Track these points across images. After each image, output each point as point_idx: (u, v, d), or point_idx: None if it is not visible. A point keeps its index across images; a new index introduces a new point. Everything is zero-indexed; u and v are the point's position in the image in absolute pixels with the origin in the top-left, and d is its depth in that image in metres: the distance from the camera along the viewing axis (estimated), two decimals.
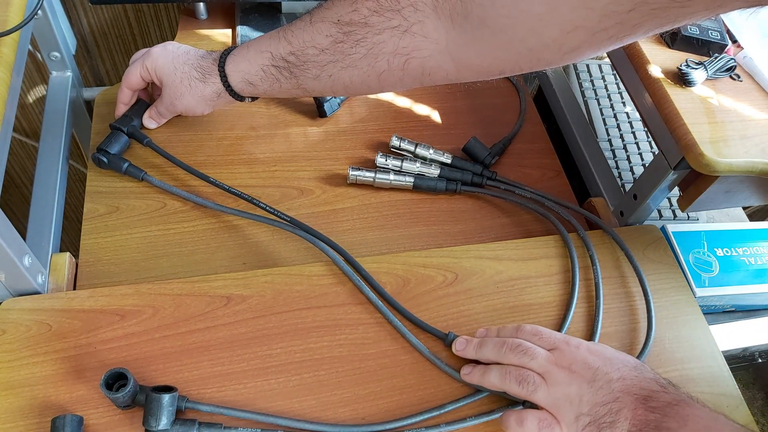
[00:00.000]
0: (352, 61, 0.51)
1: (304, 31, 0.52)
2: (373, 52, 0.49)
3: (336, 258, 0.56)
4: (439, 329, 0.53)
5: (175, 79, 0.60)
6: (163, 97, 0.62)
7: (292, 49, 0.53)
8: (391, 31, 0.47)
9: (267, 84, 0.56)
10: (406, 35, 0.47)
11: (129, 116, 0.65)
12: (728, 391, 0.54)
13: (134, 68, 0.62)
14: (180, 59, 0.60)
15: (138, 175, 0.62)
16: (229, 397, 0.48)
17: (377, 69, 0.50)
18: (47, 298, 0.53)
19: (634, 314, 0.58)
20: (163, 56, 0.60)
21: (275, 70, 0.55)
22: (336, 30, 0.50)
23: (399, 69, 0.50)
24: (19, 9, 0.53)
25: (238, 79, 0.57)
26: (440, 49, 0.47)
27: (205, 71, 0.58)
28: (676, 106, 0.55)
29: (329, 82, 0.53)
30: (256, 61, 0.55)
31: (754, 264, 0.64)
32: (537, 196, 0.67)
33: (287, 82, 0.55)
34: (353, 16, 0.48)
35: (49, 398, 0.47)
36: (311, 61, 0.52)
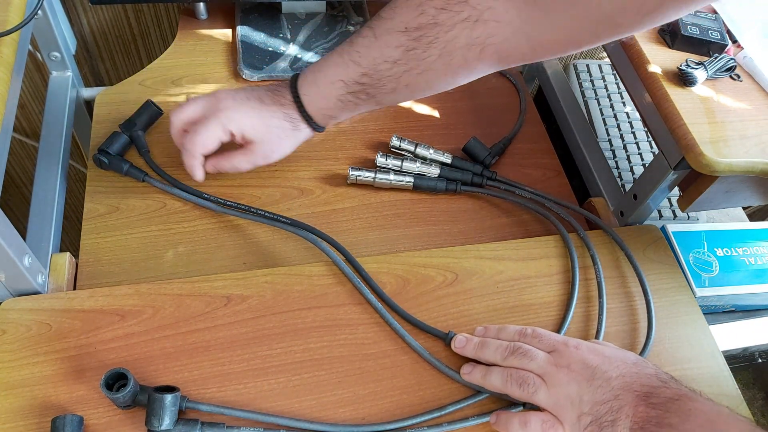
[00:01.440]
0: (427, 65, 0.50)
1: (370, 48, 0.51)
2: (447, 50, 0.48)
3: (336, 258, 0.56)
4: (439, 329, 0.53)
5: (272, 137, 0.57)
6: (254, 152, 0.58)
7: (363, 70, 0.51)
8: (462, 24, 0.46)
9: (347, 111, 0.56)
10: (478, 24, 0.46)
11: (133, 121, 0.65)
12: (728, 391, 0.54)
13: (210, 131, 0.55)
14: (267, 113, 0.56)
15: (139, 176, 0.62)
16: (230, 397, 0.48)
17: (453, 65, 0.49)
18: (47, 298, 0.52)
19: (635, 314, 0.58)
20: (247, 115, 0.56)
21: (352, 96, 0.53)
22: (405, 38, 0.49)
23: (475, 60, 0.49)
24: (19, 9, 0.53)
25: (320, 117, 0.56)
26: (514, 30, 0.46)
27: (293, 119, 0.56)
28: (676, 106, 0.55)
29: (407, 91, 0.53)
30: (331, 94, 0.54)
31: (754, 264, 0.64)
32: (537, 196, 0.67)
33: (365, 103, 0.54)
34: (421, 19, 0.47)
35: (49, 398, 0.47)
36: (386, 77, 0.51)
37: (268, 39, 0.79)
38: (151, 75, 0.74)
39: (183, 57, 0.77)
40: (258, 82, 0.75)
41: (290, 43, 0.79)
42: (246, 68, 0.75)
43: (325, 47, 0.79)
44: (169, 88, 0.73)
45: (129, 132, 0.65)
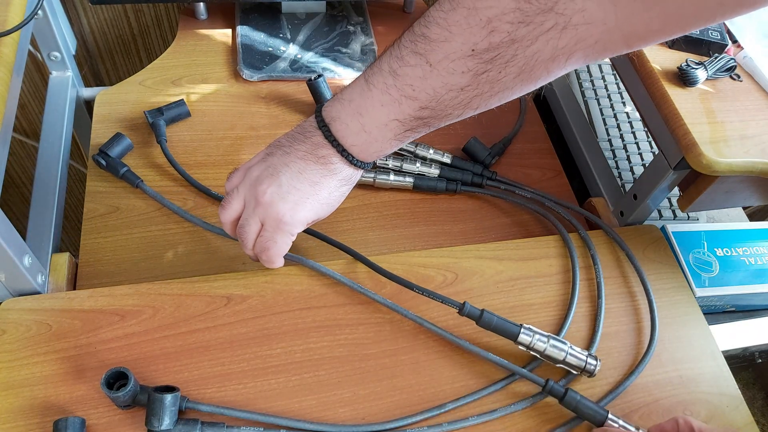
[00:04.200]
0: (502, 85, 0.43)
1: (427, 79, 0.43)
2: (528, 66, 0.42)
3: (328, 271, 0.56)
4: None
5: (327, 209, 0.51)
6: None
7: (422, 104, 0.44)
8: (546, 35, 0.40)
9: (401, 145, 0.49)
10: (566, 32, 0.40)
11: (161, 110, 0.67)
12: (728, 391, 0.54)
13: (280, 246, 0.51)
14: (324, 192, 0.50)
15: (134, 181, 0.62)
16: (230, 397, 0.48)
17: (533, 79, 0.43)
18: (47, 298, 0.52)
19: (636, 314, 0.58)
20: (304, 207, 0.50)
21: (410, 132, 0.47)
22: (474, 62, 0.42)
23: (559, 69, 0.43)
24: (19, 9, 0.53)
25: (371, 159, 0.50)
26: (609, 29, 0.40)
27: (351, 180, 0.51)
28: (676, 106, 0.55)
29: (473, 112, 0.46)
30: (385, 137, 0.47)
31: (754, 264, 0.64)
32: (537, 196, 0.67)
33: (422, 133, 0.48)
34: (492, 38, 0.40)
35: (49, 398, 0.47)
36: (451, 105, 0.45)
37: (268, 39, 0.79)
38: (151, 75, 0.74)
39: (183, 57, 0.77)
40: (258, 82, 0.75)
41: (290, 43, 0.79)
42: (246, 68, 0.75)
43: (325, 47, 0.79)
44: (169, 88, 0.73)
45: (152, 119, 0.66)
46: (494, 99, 0.45)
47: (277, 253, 0.51)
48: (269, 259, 0.51)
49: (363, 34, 0.82)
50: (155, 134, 0.66)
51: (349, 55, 0.79)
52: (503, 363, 0.51)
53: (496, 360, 0.51)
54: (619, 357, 0.54)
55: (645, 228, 0.65)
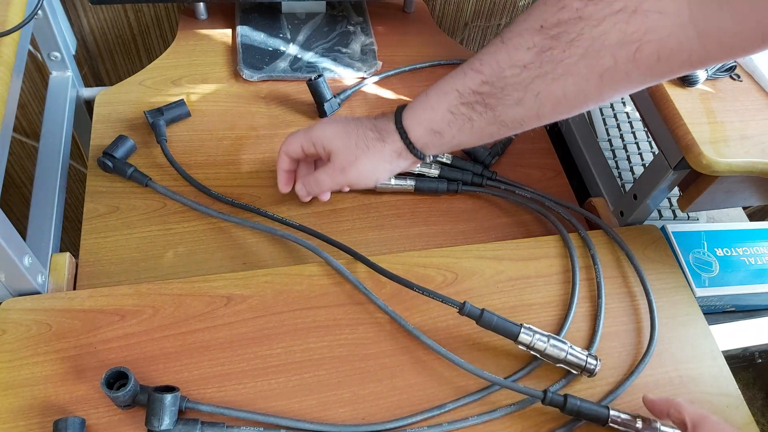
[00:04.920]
0: (566, 67, 0.42)
1: (495, 54, 0.44)
2: (593, 49, 0.40)
3: (333, 261, 0.56)
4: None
5: (349, 143, 0.52)
6: (332, 164, 0.54)
7: (484, 77, 0.45)
8: (614, 17, 0.39)
9: (455, 128, 0.48)
10: (635, 17, 0.38)
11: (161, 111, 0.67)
12: (728, 391, 0.54)
13: (296, 137, 0.56)
14: (351, 124, 0.54)
15: (142, 181, 0.62)
16: (230, 397, 0.48)
17: (599, 68, 0.41)
18: (47, 298, 0.52)
19: (636, 314, 0.58)
20: (332, 124, 0.55)
21: (466, 108, 0.47)
22: (541, 37, 0.42)
23: (628, 61, 0.40)
24: (19, 9, 0.53)
25: (421, 132, 0.50)
26: (682, 23, 0.38)
27: (381, 130, 0.52)
28: (676, 106, 0.55)
29: (535, 103, 0.45)
30: (441, 104, 0.48)
31: (754, 264, 0.64)
32: (537, 196, 0.67)
33: (481, 118, 0.47)
34: (561, 14, 0.40)
35: (49, 398, 0.47)
36: (512, 84, 0.44)
37: (268, 39, 0.79)
38: (151, 75, 0.74)
39: (183, 57, 0.77)
40: (258, 82, 0.75)
41: (290, 43, 0.79)
42: (246, 68, 0.75)
43: (325, 47, 0.79)
44: (169, 88, 0.73)
45: (153, 119, 0.66)
46: (556, 86, 0.43)
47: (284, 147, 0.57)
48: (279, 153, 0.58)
49: (363, 34, 0.82)
50: (155, 134, 0.66)
51: (349, 55, 0.79)
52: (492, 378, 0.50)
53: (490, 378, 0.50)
54: (619, 357, 0.54)
55: (645, 228, 0.65)
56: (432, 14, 0.98)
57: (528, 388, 0.49)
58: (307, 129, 0.56)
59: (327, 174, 0.55)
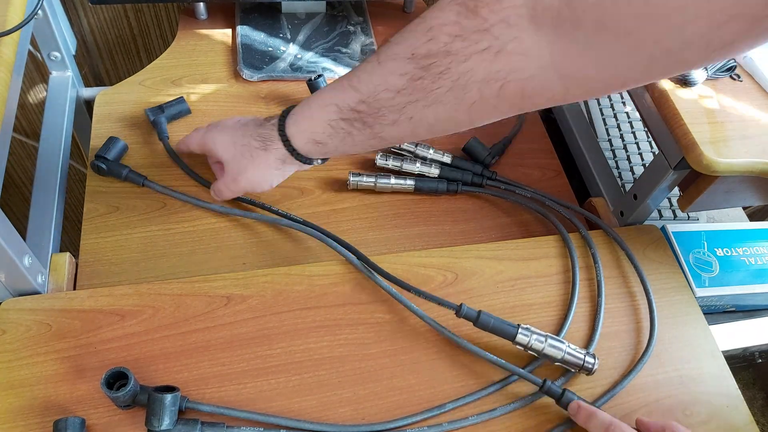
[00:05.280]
0: (435, 97, 0.43)
1: (372, 75, 0.46)
2: (460, 83, 0.42)
3: (348, 255, 0.56)
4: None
5: (236, 154, 0.55)
6: (226, 174, 0.57)
7: (362, 96, 0.46)
8: (480, 55, 0.40)
9: (337, 140, 0.49)
10: (500, 56, 0.40)
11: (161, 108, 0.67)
12: (728, 391, 0.54)
13: (195, 138, 0.59)
14: (238, 132, 0.55)
15: (138, 181, 0.62)
16: (230, 397, 0.48)
17: (467, 101, 0.43)
18: (47, 298, 0.52)
19: (636, 314, 0.58)
20: (220, 133, 0.56)
21: (345, 123, 0.48)
22: (412, 66, 0.43)
23: (493, 97, 0.42)
24: (19, 9, 0.53)
25: (303, 141, 0.51)
26: (543, 66, 0.40)
27: (265, 138, 0.53)
28: (676, 106, 0.55)
29: (410, 125, 0.46)
30: (321, 116, 0.49)
31: (754, 264, 0.64)
32: (537, 196, 0.67)
33: (360, 133, 0.48)
34: (430, 46, 0.42)
35: (50, 398, 0.47)
36: (386, 107, 0.46)
37: (268, 39, 0.79)
38: (150, 75, 0.74)
39: (183, 57, 0.77)
40: (258, 82, 0.75)
41: (290, 43, 0.79)
42: (246, 68, 0.75)
43: (325, 47, 0.79)
44: (168, 88, 0.73)
45: (154, 116, 0.67)
46: (428, 112, 0.45)
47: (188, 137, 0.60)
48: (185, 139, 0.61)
49: (363, 34, 0.82)
50: (157, 132, 0.66)
51: (349, 55, 0.79)
52: (501, 363, 0.51)
53: (494, 360, 0.51)
54: (618, 357, 0.54)
55: (645, 228, 0.65)
56: None
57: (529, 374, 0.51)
58: (204, 134, 0.58)
59: (224, 183, 0.58)
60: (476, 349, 0.52)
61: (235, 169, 0.55)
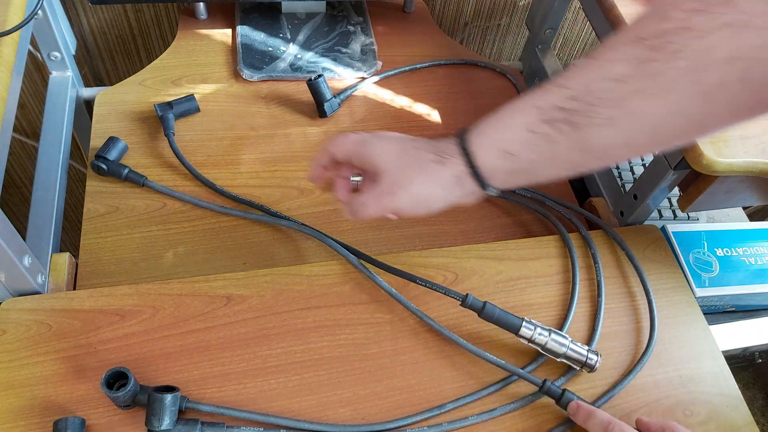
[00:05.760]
0: (667, 82, 0.37)
1: (584, 69, 0.40)
2: (700, 63, 0.36)
3: (349, 256, 0.56)
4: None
5: (401, 164, 0.46)
6: (379, 186, 0.47)
7: (571, 92, 0.40)
8: (723, 31, 0.35)
9: (533, 150, 0.42)
10: (747, 32, 0.34)
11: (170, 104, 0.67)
12: (728, 391, 0.54)
13: (346, 144, 0.49)
14: (408, 143, 0.47)
15: (139, 180, 0.62)
16: (230, 397, 0.48)
17: (703, 86, 0.37)
18: (47, 298, 0.52)
19: (636, 314, 0.58)
20: (386, 141, 0.48)
21: (547, 126, 0.41)
22: (640, 49, 0.37)
23: (737, 81, 0.36)
24: (19, 9, 0.53)
25: (490, 154, 0.43)
26: None
27: (442, 152, 0.45)
28: None
29: (629, 123, 0.39)
30: (516, 121, 0.42)
31: (754, 264, 0.64)
32: (537, 196, 0.67)
33: (565, 139, 0.41)
34: (664, 25, 0.36)
35: (49, 398, 0.47)
36: (603, 99, 0.39)
37: (268, 39, 0.79)
38: (150, 75, 0.74)
39: (183, 57, 0.77)
40: (258, 82, 0.75)
41: (290, 43, 0.79)
42: (246, 68, 0.75)
43: (325, 47, 0.79)
44: (168, 88, 0.73)
45: (162, 112, 0.67)
46: (655, 105, 0.38)
47: (328, 143, 0.50)
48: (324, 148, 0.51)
49: (363, 34, 0.82)
50: (163, 127, 0.66)
51: (349, 55, 0.79)
52: (501, 363, 0.51)
53: (494, 360, 0.51)
54: (618, 357, 0.54)
55: (645, 228, 0.65)
56: (432, 14, 0.98)
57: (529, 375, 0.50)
58: (359, 140, 0.49)
59: (374, 197, 0.47)
60: (476, 350, 0.52)
61: (395, 180, 0.46)
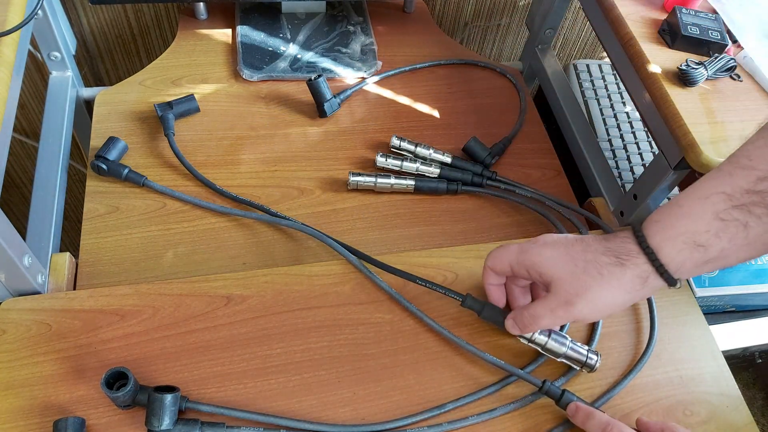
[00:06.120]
0: None
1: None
2: None
3: (349, 255, 0.56)
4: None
5: (576, 270, 0.43)
6: (552, 296, 0.45)
7: (761, 173, 0.38)
8: None
9: (726, 238, 0.39)
10: None
11: (170, 104, 0.66)
12: (728, 391, 0.54)
13: (505, 255, 0.48)
14: (577, 247, 0.45)
15: (139, 180, 0.62)
16: (230, 397, 0.48)
17: None
18: (47, 298, 0.52)
19: (636, 314, 0.58)
20: (551, 247, 0.46)
21: (739, 212, 0.38)
22: None
23: None
24: (19, 9, 0.53)
25: (676, 249, 0.41)
26: None
27: (619, 253, 0.42)
28: (676, 106, 0.55)
29: None
30: (702, 210, 0.40)
31: (754, 264, 0.64)
32: (537, 196, 0.67)
33: (760, 223, 0.38)
34: None
35: (49, 398, 0.47)
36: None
37: (268, 39, 0.79)
38: (150, 75, 0.74)
39: (183, 57, 0.77)
40: (258, 82, 0.75)
41: (290, 43, 0.79)
42: (246, 68, 0.75)
43: (325, 47, 0.79)
44: (169, 88, 0.73)
45: (162, 112, 0.67)
46: None
47: (490, 258, 0.50)
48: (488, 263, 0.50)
49: (363, 34, 0.82)
50: (163, 127, 0.66)
51: (349, 55, 0.79)
52: (501, 364, 0.51)
53: (494, 361, 0.51)
54: (618, 357, 0.54)
55: None
56: (432, 14, 0.98)
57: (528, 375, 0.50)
58: (520, 248, 0.47)
59: (547, 308, 0.45)
60: (476, 350, 0.52)
61: (571, 290, 0.44)
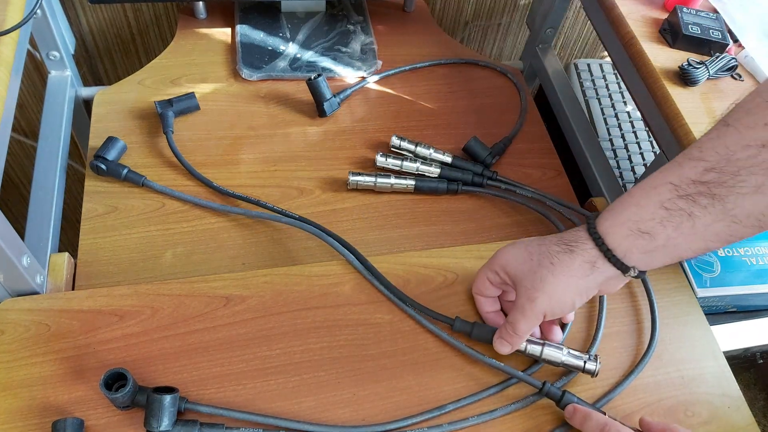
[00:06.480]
0: None
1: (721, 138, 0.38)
2: None
3: (347, 254, 0.56)
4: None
5: (532, 264, 0.46)
6: (519, 296, 0.47)
7: (709, 164, 0.38)
8: None
9: (671, 227, 0.40)
10: None
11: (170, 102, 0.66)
12: (729, 391, 0.53)
13: (480, 272, 0.52)
14: (533, 243, 0.47)
15: (138, 180, 0.62)
16: (229, 398, 0.48)
17: None
18: (46, 298, 0.52)
19: (637, 314, 0.57)
20: (512, 247, 0.49)
21: (684, 202, 0.39)
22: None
23: None
24: (17, 8, 0.53)
25: (622, 234, 0.42)
26: None
27: (569, 241, 0.45)
28: (678, 106, 0.55)
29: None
30: (649, 199, 0.41)
31: (756, 264, 0.64)
32: (538, 195, 0.67)
33: (706, 213, 0.39)
34: None
35: (48, 399, 0.46)
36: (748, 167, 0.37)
37: (267, 38, 0.79)
38: (150, 74, 0.74)
39: (182, 56, 0.77)
40: (257, 82, 0.75)
41: (290, 43, 0.79)
42: (245, 67, 0.75)
43: (325, 46, 0.79)
44: (168, 87, 0.73)
45: (162, 109, 0.66)
46: None
47: (474, 285, 0.54)
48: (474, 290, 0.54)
49: (363, 34, 0.81)
50: (162, 125, 0.66)
51: (349, 55, 0.79)
52: (501, 366, 0.50)
53: (494, 363, 0.51)
54: (620, 357, 0.54)
55: None
56: (432, 13, 0.98)
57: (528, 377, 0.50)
58: (489, 260, 0.51)
59: (518, 311, 0.47)
60: (476, 354, 0.51)
61: (530, 285, 0.46)
